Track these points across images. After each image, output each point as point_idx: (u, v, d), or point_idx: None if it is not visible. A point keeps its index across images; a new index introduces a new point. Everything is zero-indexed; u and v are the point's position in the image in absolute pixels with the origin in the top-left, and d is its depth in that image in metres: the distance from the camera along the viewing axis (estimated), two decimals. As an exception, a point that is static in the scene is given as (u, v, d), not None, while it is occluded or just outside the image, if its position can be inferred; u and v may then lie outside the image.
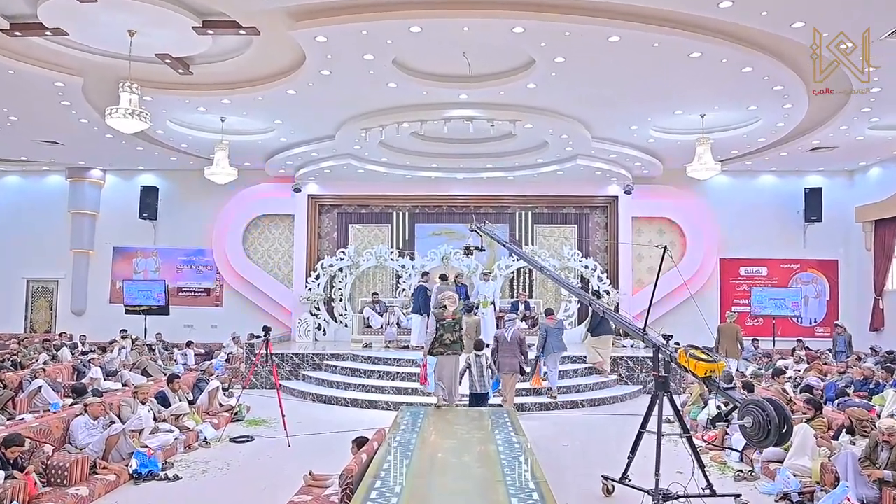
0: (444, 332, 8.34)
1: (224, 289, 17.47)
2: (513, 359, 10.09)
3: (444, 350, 8.41)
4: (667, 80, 10.34)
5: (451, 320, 8.40)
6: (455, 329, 8.36)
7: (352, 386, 12.23)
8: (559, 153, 14.23)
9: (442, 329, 8.35)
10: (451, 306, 8.48)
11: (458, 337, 8.39)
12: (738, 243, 17.50)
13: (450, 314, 8.41)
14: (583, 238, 17.48)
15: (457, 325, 8.38)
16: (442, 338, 8.33)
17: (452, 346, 8.40)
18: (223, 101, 11.26)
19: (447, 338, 8.35)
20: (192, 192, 17.33)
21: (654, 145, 14.37)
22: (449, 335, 8.34)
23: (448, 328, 8.37)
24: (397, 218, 17.46)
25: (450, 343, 8.38)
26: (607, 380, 12.98)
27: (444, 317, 8.42)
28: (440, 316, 8.43)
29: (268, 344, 9.43)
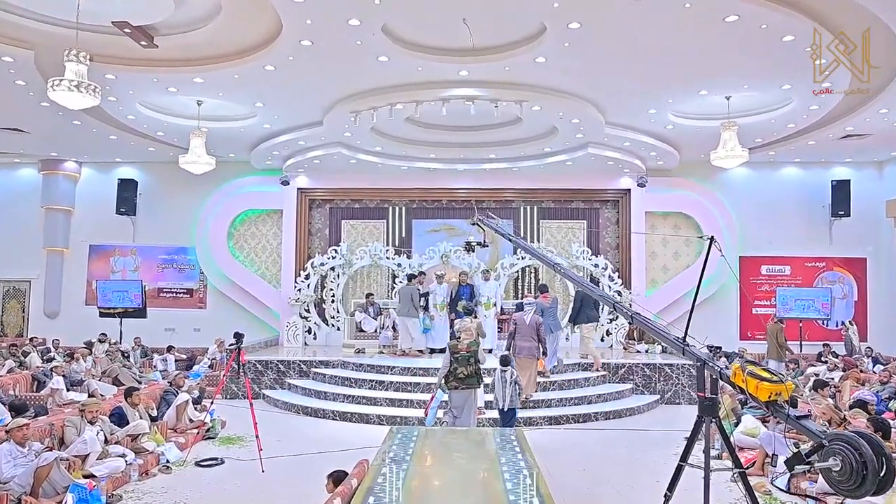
0: (457, 366, 7.79)
1: (208, 290, 16.30)
2: (531, 342, 9.94)
3: (459, 385, 7.82)
4: (694, 53, 9.15)
5: (466, 353, 7.85)
6: (470, 362, 7.82)
7: (340, 397, 11.05)
8: (569, 141, 13.04)
9: (456, 362, 7.80)
10: (467, 338, 7.98)
11: (474, 371, 7.84)
12: (759, 240, 16.32)
13: (464, 347, 7.88)
14: (592, 233, 16.29)
15: (472, 357, 7.84)
16: (456, 371, 7.78)
17: (468, 381, 7.81)
18: (195, 80, 10.08)
19: (461, 371, 7.79)
20: (174, 186, 16.18)
21: (672, 133, 13.18)
22: (463, 369, 7.79)
23: (462, 361, 7.81)
24: (393, 213, 16.28)
25: (464, 377, 7.79)
26: (622, 390, 11.81)
27: (458, 349, 7.87)
28: (454, 348, 7.89)
29: (239, 353, 8.22)
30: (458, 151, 14.12)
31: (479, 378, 7.92)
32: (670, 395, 12.24)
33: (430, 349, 13.67)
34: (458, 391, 7.86)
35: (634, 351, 14.23)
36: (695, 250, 16.31)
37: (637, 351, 14.22)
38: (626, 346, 14.60)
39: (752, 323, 16.34)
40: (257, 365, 12.37)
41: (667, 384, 12.28)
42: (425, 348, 13.56)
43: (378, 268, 15.70)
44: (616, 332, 15.11)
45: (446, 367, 7.88)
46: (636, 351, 14.23)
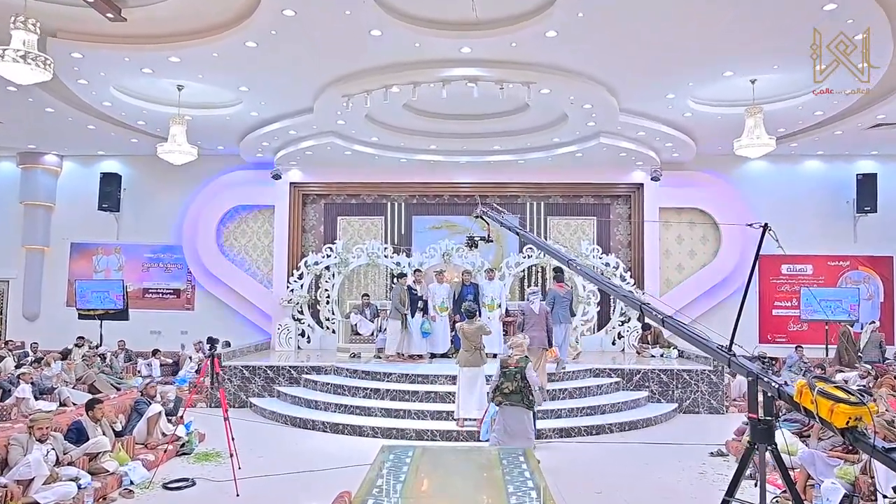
0: (504, 381, 7.50)
1: (196, 290, 15.42)
2: (541, 332, 9.73)
3: (503, 400, 7.47)
4: (723, 22, 8.23)
5: (514, 368, 7.51)
6: (516, 378, 7.46)
7: (332, 406, 10.15)
8: (579, 129, 12.13)
9: (503, 377, 7.53)
10: (518, 354, 7.63)
11: (519, 387, 7.43)
12: (780, 238, 15.24)
13: (514, 362, 7.55)
14: (603, 230, 15.38)
15: (518, 374, 7.48)
16: (502, 386, 7.50)
17: (511, 397, 7.44)
18: (171, 60, 9.19)
19: (507, 387, 7.46)
20: (160, 181, 15.33)
21: (689, 121, 12.26)
22: (509, 384, 7.46)
23: (509, 377, 7.48)
24: (392, 209, 15.39)
25: (508, 393, 7.44)
26: (638, 398, 10.90)
27: (507, 364, 7.58)
28: (504, 362, 7.62)
29: (213, 360, 7.33)
30: (461, 142, 13.24)
31: (526, 397, 7.45)
32: (689, 404, 11.33)
33: (431, 354, 12.79)
34: (503, 407, 7.49)
35: (648, 355, 13.31)
36: (711, 248, 15.38)
37: (651, 355, 13.30)
38: (639, 349, 13.69)
39: (773, 325, 15.43)
40: (244, 371, 11.48)
41: (685, 392, 11.37)
42: (425, 353, 12.67)
43: (376, 267, 14.81)
44: (628, 336, 14.19)
45: (496, 380, 7.61)
46: (650, 355, 13.31)
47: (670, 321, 5.03)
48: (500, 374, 7.60)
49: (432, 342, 12.71)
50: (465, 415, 9.17)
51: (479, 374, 9.25)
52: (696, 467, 7.95)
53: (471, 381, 9.20)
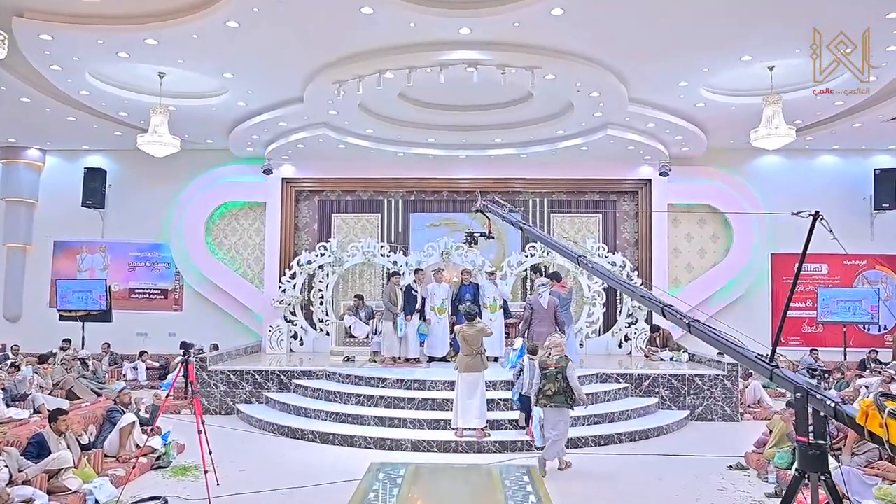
0: (546, 383, 7.51)
1: (184, 290, 14.79)
2: (550, 327, 9.43)
3: (547, 402, 7.47)
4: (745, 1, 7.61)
5: (555, 369, 7.48)
6: (557, 379, 7.44)
7: (323, 414, 9.51)
8: (585, 121, 11.49)
9: (544, 379, 7.54)
10: (556, 354, 7.59)
11: (562, 388, 7.43)
12: (793, 236, 14.58)
13: (553, 363, 7.53)
14: (609, 227, 14.74)
15: (560, 374, 7.45)
16: (544, 388, 7.50)
17: (555, 399, 7.43)
18: (148, 42, 8.54)
19: (549, 388, 7.46)
20: (146, 176, 14.72)
21: (702, 112, 11.62)
22: (551, 385, 7.44)
23: (550, 378, 7.48)
24: (388, 206, 14.76)
25: (552, 395, 7.44)
26: (647, 405, 10.26)
27: (546, 365, 7.57)
28: (543, 364, 7.62)
29: (187, 368, 6.68)
30: (460, 135, 12.60)
31: (569, 396, 7.46)
32: (701, 411, 10.69)
33: (429, 358, 12.16)
34: (547, 409, 7.51)
35: (657, 359, 12.66)
36: (723, 247, 14.73)
37: (660, 359, 12.65)
38: (647, 353, 13.04)
39: (786, 327, 14.66)
40: (230, 376, 10.84)
41: (697, 398, 10.72)
42: (422, 357, 12.04)
43: (371, 266, 14.18)
44: (636, 338, 13.55)
45: (536, 383, 7.63)
46: (659, 359, 12.66)
47: (698, 326, 4.38)
48: (541, 376, 7.50)
49: (430, 345, 12.09)
50: (465, 424, 8.54)
51: (480, 379, 8.62)
52: (714, 482, 7.31)
53: (470, 388, 8.57)
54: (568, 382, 7.43)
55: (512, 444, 8.51)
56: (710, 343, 4.28)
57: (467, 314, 8.71)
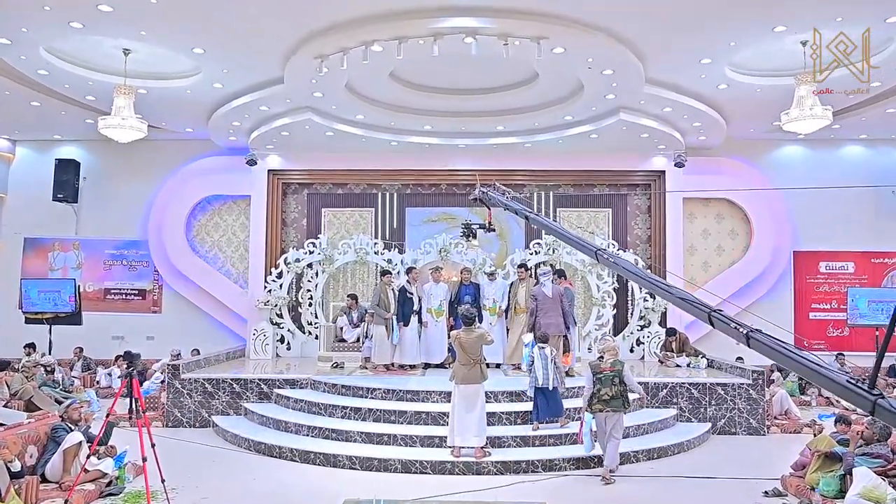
0: (601, 387, 7.25)
1: (163, 291, 13.80)
2: (557, 317, 9.13)
3: (603, 407, 7.23)
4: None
5: (610, 373, 7.25)
6: (614, 382, 7.23)
7: (304, 429, 8.52)
8: (596, 104, 10.48)
9: (599, 383, 7.27)
10: (611, 357, 7.40)
11: (619, 391, 7.23)
12: (817, 232, 13.71)
13: (608, 366, 7.30)
14: (619, 223, 13.72)
15: (616, 377, 7.24)
16: (600, 393, 7.25)
17: (612, 403, 7.22)
18: (102, 9, 7.51)
19: (605, 393, 7.23)
20: (123, 168, 13.77)
21: (724, 95, 10.59)
22: (608, 390, 7.22)
23: (606, 382, 7.24)
24: (383, 200, 13.75)
25: (609, 399, 7.22)
26: (665, 417, 9.27)
27: (601, 369, 7.33)
28: (596, 368, 7.36)
29: (131, 383, 5.68)
30: (459, 122, 11.61)
31: (626, 400, 7.31)
32: (724, 424, 9.70)
33: (425, 364, 11.18)
34: (602, 413, 7.26)
35: (673, 365, 11.66)
36: (741, 244, 13.71)
37: (676, 365, 11.64)
38: (662, 358, 12.02)
39: (809, 330, 13.71)
40: (206, 385, 9.85)
41: (719, 409, 9.73)
42: (419, 363, 11.06)
43: (364, 264, 13.17)
44: (649, 342, 12.54)
45: (590, 388, 7.33)
46: (675, 365, 11.65)
47: (759, 338, 3.37)
48: (594, 380, 7.26)
49: (427, 350, 11.12)
50: (462, 442, 7.55)
51: (479, 392, 7.64)
52: (754, 516, 6.33)
53: (468, 401, 7.58)
54: (625, 386, 7.24)
55: (516, 465, 7.54)
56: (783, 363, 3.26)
57: (465, 318, 7.71)
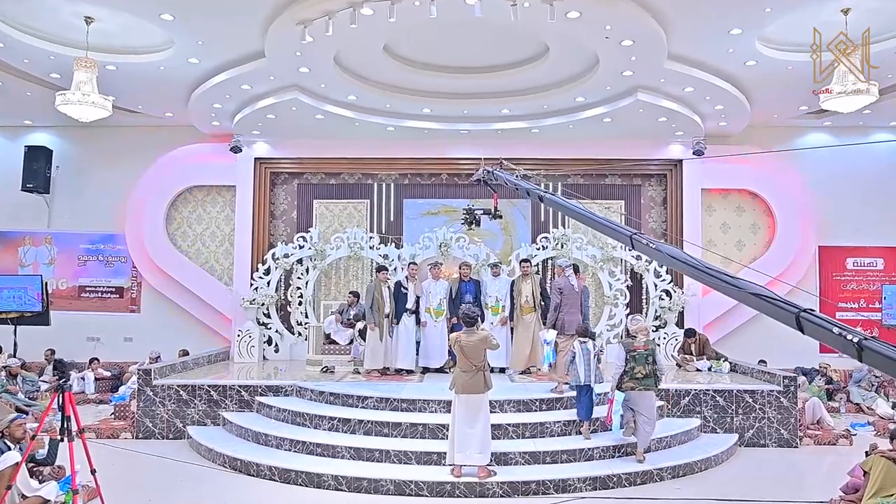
0: (635, 365, 7.20)
1: (142, 288, 12.85)
2: (577, 315, 8.43)
3: (636, 385, 7.20)
4: None
5: (644, 352, 7.21)
6: (648, 361, 7.21)
7: (286, 443, 7.58)
8: (611, 83, 9.53)
9: (633, 361, 7.20)
10: (643, 336, 7.40)
11: (652, 370, 7.23)
12: (845, 226, 12.74)
13: (641, 345, 7.26)
14: (632, 218, 12.76)
15: (650, 356, 7.22)
16: (633, 371, 7.20)
17: (645, 381, 7.21)
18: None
19: (639, 371, 7.19)
20: (100, 157, 12.86)
21: (751, 73, 9.62)
22: (641, 368, 7.18)
23: (640, 360, 7.19)
24: (378, 191, 12.79)
25: (642, 378, 7.19)
26: (689, 429, 8.34)
27: (633, 347, 7.26)
28: (629, 346, 7.28)
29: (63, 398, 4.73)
30: (460, 105, 10.65)
31: (658, 380, 7.33)
32: (752, 435, 8.77)
33: (424, 368, 10.25)
34: (635, 392, 7.21)
35: (693, 369, 10.71)
36: (763, 238, 12.75)
37: (696, 369, 10.70)
38: (680, 362, 11.08)
39: (836, 331, 12.72)
40: (180, 392, 8.91)
41: (747, 418, 8.80)
42: (416, 368, 10.13)
43: (359, 260, 12.22)
44: (665, 344, 11.58)
45: (620, 366, 7.23)
46: (695, 369, 10.71)
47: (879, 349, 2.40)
48: (628, 358, 7.16)
49: (425, 353, 10.19)
50: (463, 460, 6.61)
51: (483, 403, 6.70)
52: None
53: (471, 413, 6.64)
54: (657, 365, 7.22)
55: (524, 486, 6.60)
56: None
57: (466, 318, 6.75)
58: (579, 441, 7.49)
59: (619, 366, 7.25)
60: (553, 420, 7.71)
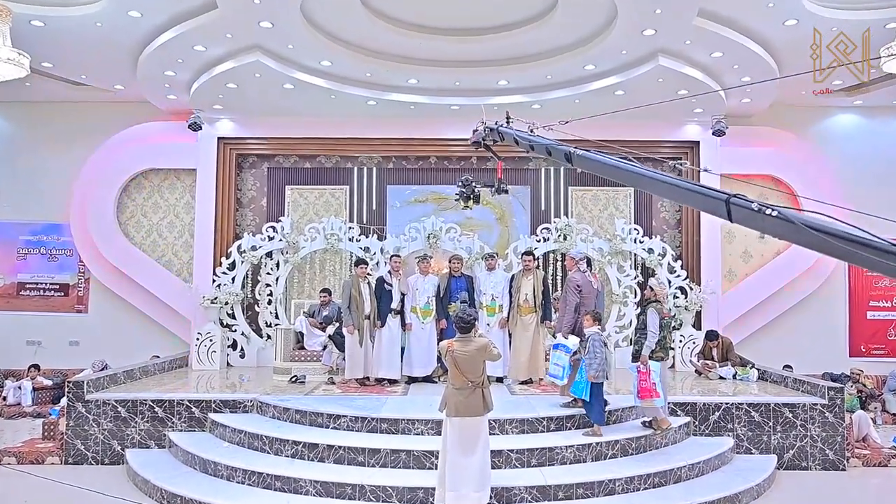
0: (666, 334, 6.71)
1: (91, 286, 11.37)
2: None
3: (665, 355, 6.70)
4: None
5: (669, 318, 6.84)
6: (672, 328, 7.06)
7: (239, 474, 6.17)
8: (629, 45, 8.19)
9: (663, 329, 6.65)
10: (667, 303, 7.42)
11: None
12: (874, 217, 11.37)
13: (666, 312, 6.79)
14: (643, 207, 11.45)
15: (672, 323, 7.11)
16: (664, 341, 6.67)
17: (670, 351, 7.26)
18: None
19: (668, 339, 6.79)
20: (43, 137, 11.44)
21: (788, 36, 8.30)
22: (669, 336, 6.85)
23: (667, 328, 6.74)
24: (359, 176, 11.39)
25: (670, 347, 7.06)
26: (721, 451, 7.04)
27: (663, 315, 6.69)
28: (661, 312, 6.67)
29: None
30: (452, 75, 9.27)
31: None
32: (793, 456, 7.48)
33: (409, 378, 8.86)
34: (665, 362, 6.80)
35: (716, 377, 9.40)
36: (788, 230, 11.42)
37: (720, 377, 9.39)
38: (700, 368, 9.76)
39: (866, 332, 11.52)
40: (118, 408, 7.49)
41: (786, 437, 7.53)
42: (401, 377, 8.75)
43: (336, 253, 10.83)
44: (681, 348, 10.29)
45: (655, 335, 6.64)
46: (718, 377, 9.40)
47: None
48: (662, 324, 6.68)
49: (409, 360, 8.81)
50: (456, 500, 5.22)
51: (481, 428, 5.34)
52: None
53: (467, 441, 5.28)
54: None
55: None
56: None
57: (460, 322, 5.36)
58: (597, 470, 6.16)
59: (654, 333, 6.63)
60: (565, 444, 6.34)
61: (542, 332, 8.75)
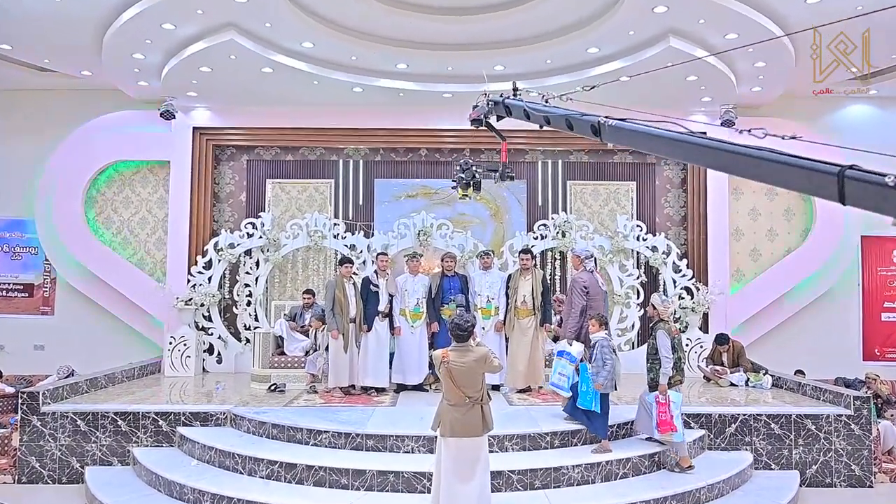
0: (679, 355, 6.13)
1: (57, 286, 10.63)
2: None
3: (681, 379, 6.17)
4: None
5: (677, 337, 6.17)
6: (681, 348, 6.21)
7: (207, 498, 5.48)
8: (637, 25, 7.55)
9: (677, 351, 6.10)
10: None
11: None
12: (888, 214, 10.87)
13: (675, 330, 6.25)
14: (646, 202, 10.83)
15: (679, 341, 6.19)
16: (679, 363, 6.14)
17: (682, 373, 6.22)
18: None
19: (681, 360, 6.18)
20: (5, 127, 10.71)
21: (810, 15, 7.67)
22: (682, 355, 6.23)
23: (678, 348, 6.15)
24: (345, 169, 10.70)
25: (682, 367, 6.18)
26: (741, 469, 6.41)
27: (672, 334, 6.15)
28: (670, 332, 6.12)
29: None
30: (444, 59, 8.61)
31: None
32: (816, 471, 6.87)
33: (399, 386, 8.19)
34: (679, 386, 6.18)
35: (727, 384, 8.78)
36: (799, 226, 10.90)
37: (731, 384, 8.76)
38: (709, 374, 9.13)
39: (881, 334, 10.97)
40: (78, 421, 6.78)
41: (809, 451, 6.93)
42: (389, 385, 8.07)
43: (320, 252, 10.14)
44: (688, 353, 9.65)
45: (669, 359, 6.00)
46: (729, 384, 8.77)
47: None
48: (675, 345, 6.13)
49: (399, 367, 8.13)
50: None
51: (480, 449, 4.67)
52: None
53: (464, 463, 4.60)
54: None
55: None
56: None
57: (456, 329, 4.68)
58: (608, 492, 5.52)
59: (668, 357, 5.98)
60: (571, 464, 5.68)
61: (542, 336, 8.11)
